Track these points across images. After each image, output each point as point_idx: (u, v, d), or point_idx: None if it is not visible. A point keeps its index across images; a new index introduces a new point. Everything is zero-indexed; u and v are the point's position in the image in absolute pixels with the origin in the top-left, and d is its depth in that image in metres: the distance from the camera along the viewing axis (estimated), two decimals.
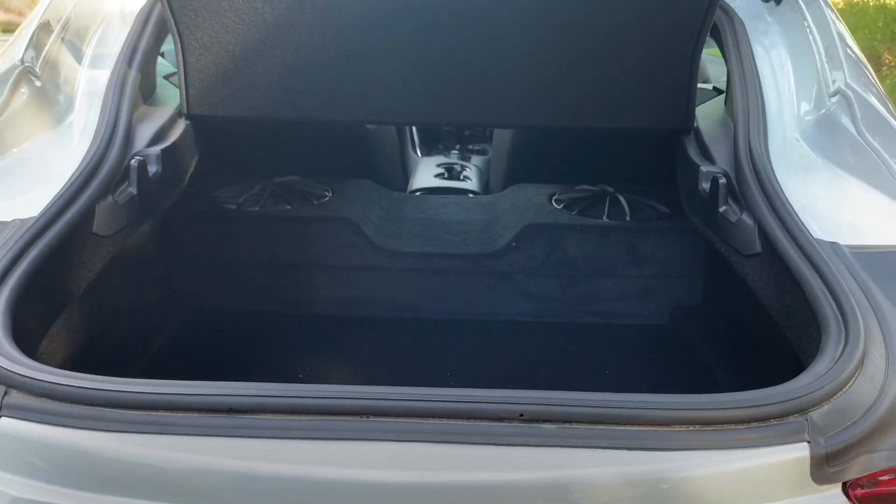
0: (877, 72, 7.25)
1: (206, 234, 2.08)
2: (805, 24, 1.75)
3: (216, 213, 2.10)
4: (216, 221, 2.09)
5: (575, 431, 0.84)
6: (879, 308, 1.07)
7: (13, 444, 0.86)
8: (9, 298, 1.05)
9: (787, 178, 1.37)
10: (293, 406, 0.85)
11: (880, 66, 7.32)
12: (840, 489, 0.88)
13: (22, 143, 1.40)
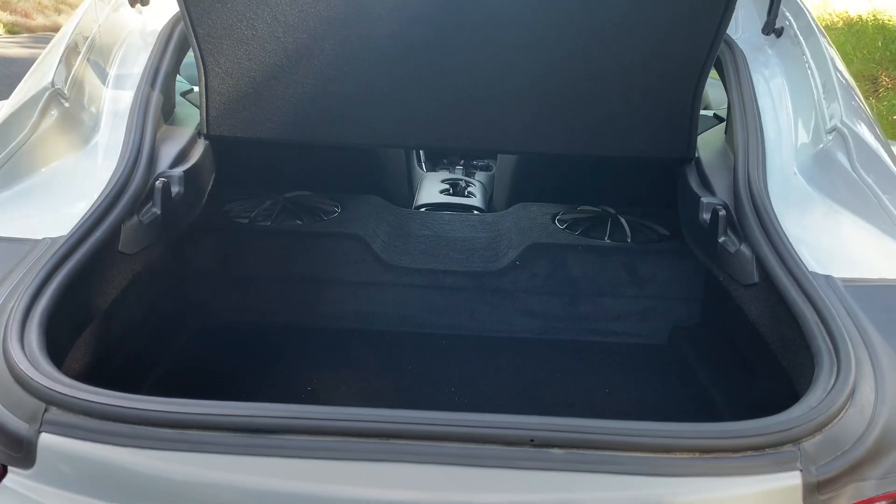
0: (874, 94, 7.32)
1: (218, 247, 2.13)
2: (804, 59, 1.81)
3: (228, 227, 2.15)
4: (229, 235, 2.14)
5: (582, 456, 0.89)
6: (870, 341, 1.12)
7: (53, 459, 0.91)
8: (42, 316, 1.10)
9: (784, 211, 1.43)
10: (318, 427, 0.90)
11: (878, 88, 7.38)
12: None
13: (50, 162, 1.45)
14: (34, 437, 0.92)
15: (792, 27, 1.92)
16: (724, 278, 1.50)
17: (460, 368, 2.00)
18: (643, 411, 1.86)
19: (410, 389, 1.89)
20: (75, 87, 1.57)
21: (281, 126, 1.69)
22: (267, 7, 1.53)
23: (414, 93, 1.66)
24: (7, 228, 1.31)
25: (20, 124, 1.43)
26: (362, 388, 1.90)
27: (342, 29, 1.55)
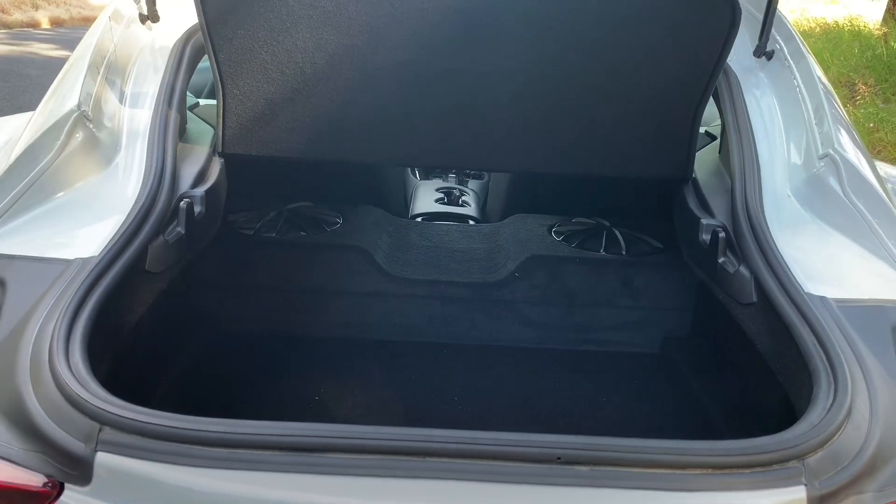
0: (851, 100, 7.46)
1: (224, 258, 2.17)
2: (795, 84, 1.88)
3: (234, 238, 2.20)
4: (234, 246, 2.19)
5: (605, 473, 0.96)
6: (862, 359, 1.20)
7: (110, 477, 0.96)
8: (82, 337, 1.15)
9: (780, 233, 1.50)
10: (359, 446, 0.96)
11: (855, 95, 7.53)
12: None
13: (76, 182, 1.48)
14: (91, 456, 0.97)
15: (783, 51, 1.99)
16: (723, 297, 1.57)
17: (462, 377, 2.06)
18: (639, 420, 1.93)
19: (415, 399, 1.95)
20: (97, 108, 1.60)
21: (294, 145, 1.75)
22: (288, 35, 1.59)
23: (423, 116, 1.72)
24: (37, 247, 1.34)
25: (48, 146, 1.46)
26: (368, 398, 1.95)
27: (358, 56, 1.61)
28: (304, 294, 2.22)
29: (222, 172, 1.72)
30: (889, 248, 1.43)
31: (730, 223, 1.58)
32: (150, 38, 2.02)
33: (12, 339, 1.16)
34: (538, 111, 1.74)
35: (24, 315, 1.20)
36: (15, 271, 1.29)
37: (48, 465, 0.98)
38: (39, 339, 1.13)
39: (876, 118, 6.42)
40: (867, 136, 6.35)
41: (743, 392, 1.83)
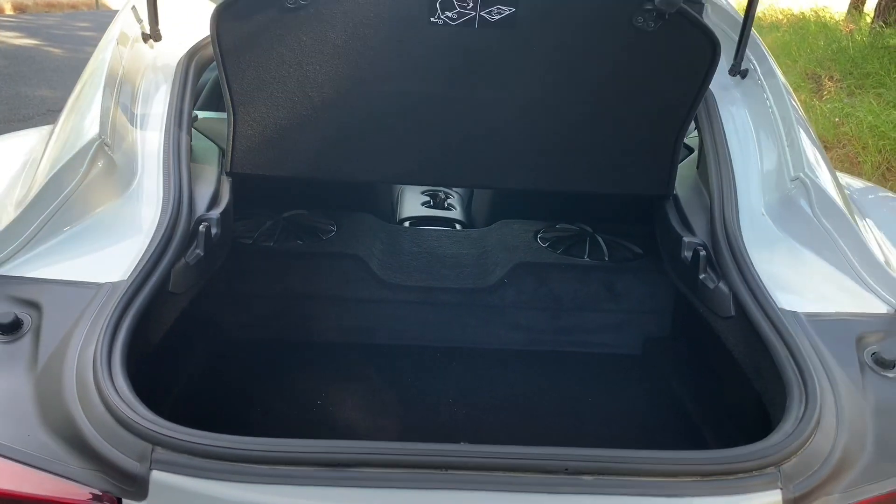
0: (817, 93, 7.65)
1: (226, 267, 2.27)
2: (767, 102, 2.01)
3: (235, 248, 2.29)
4: (234, 255, 2.28)
5: (608, 481, 1.08)
6: (830, 370, 1.33)
7: (164, 492, 1.06)
8: (121, 359, 1.24)
9: (755, 250, 1.63)
10: (388, 461, 1.07)
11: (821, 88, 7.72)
12: None
13: (98, 208, 1.56)
14: (146, 473, 1.06)
15: (756, 70, 2.12)
16: (703, 310, 1.70)
17: (455, 380, 2.18)
18: (622, 418, 2.06)
19: (412, 402, 2.06)
20: (114, 134, 1.68)
21: (300, 165, 1.84)
22: (299, 67, 1.68)
23: (424, 139, 1.83)
24: (67, 271, 1.43)
25: (72, 173, 1.53)
26: (367, 402, 2.06)
27: (363, 86, 1.71)
28: (304, 301, 2.31)
29: (231, 193, 1.81)
30: (854, 264, 1.56)
31: (709, 241, 1.70)
32: (153, 57, 2.08)
33: (54, 361, 1.24)
34: (531, 135, 1.85)
35: (62, 338, 1.28)
36: (49, 295, 1.37)
37: (106, 481, 1.07)
38: (82, 362, 1.21)
39: (841, 113, 6.62)
40: (832, 130, 6.55)
41: (720, 392, 1.97)
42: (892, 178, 5.98)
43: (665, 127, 1.82)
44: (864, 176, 5.99)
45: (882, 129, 6.25)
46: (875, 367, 1.37)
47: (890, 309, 1.50)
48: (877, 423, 1.26)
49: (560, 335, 2.34)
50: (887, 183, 5.89)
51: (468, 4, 1.54)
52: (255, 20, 1.60)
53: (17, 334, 1.30)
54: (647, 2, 1.58)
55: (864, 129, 6.35)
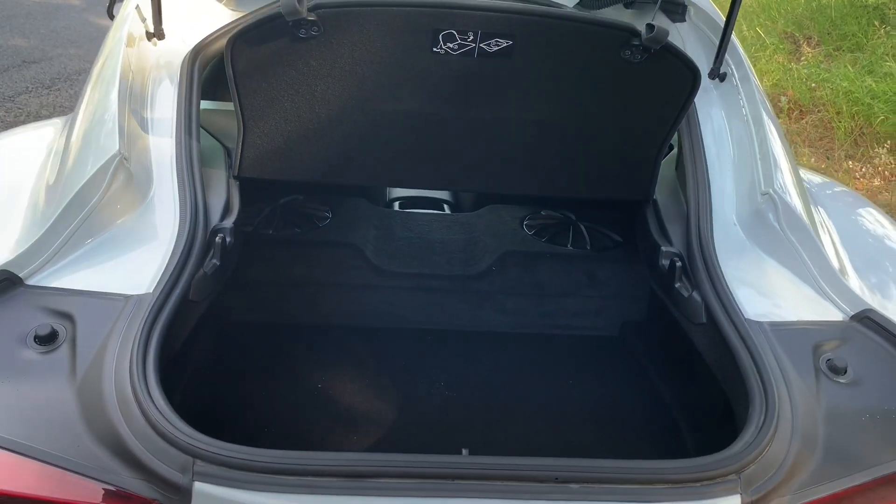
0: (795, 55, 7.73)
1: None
2: (742, 107, 2.14)
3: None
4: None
5: (592, 489, 1.23)
6: (788, 379, 1.48)
7: (205, 501, 1.19)
8: (154, 371, 1.36)
9: (726, 259, 1.77)
10: (403, 472, 1.21)
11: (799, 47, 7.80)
12: None
13: (118, 219, 1.65)
14: (189, 484, 1.19)
15: (734, 75, 2.25)
16: (678, 315, 1.85)
17: (446, 362, 2.33)
18: (600, 398, 2.23)
19: (406, 385, 2.20)
20: (131, 145, 1.76)
21: (305, 171, 1.95)
22: (307, 87, 1.77)
23: (424, 149, 1.95)
24: (94, 283, 1.52)
25: (95, 188, 1.62)
26: (365, 385, 2.20)
27: (368, 104, 1.82)
28: (301, 287, 2.44)
29: (240, 198, 1.92)
30: (814, 275, 1.72)
31: (684, 250, 1.85)
32: (157, 56, 2.15)
33: (93, 373, 1.34)
34: (524, 148, 1.98)
35: (97, 350, 1.38)
36: (81, 306, 1.46)
37: (154, 490, 1.21)
38: (120, 375, 1.32)
39: (818, 78, 6.74)
40: (809, 94, 6.68)
41: (688, 375, 2.14)
42: (863, 143, 6.14)
43: (648, 143, 1.95)
44: (837, 142, 6.17)
45: (856, 94, 6.39)
46: (828, 373, 1.51)
47: (845, 317, 1.66)
48: (827, 427, 1.41)
49: (544, 319, 2.50)
50: (859, 149, 6.07)
51: (469, 37, 1.64)
52: (267, 47, 1.69)
53: (53, 345, 1.39)
54: (634, 38, 1.69)
55: (839, 94, 6.49)
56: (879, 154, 5.76)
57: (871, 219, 2.23)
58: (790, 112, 6.61)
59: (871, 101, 6.23)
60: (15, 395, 1.32)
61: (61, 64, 6.72)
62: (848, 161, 5.80)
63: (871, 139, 6.08)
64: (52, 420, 1.29)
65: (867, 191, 5.47)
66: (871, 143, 6.03)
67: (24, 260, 1.53)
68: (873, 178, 5.61)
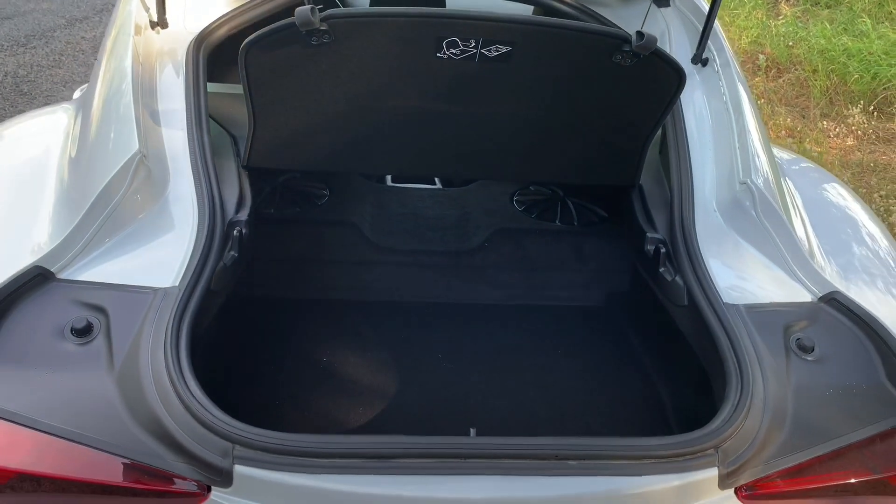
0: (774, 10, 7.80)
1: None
2: (723, 93, 2.26)
3: None
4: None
5: (588, 465, 1.38)
6: (762, 359, 1.61)
7: (245, 481, 1.33)
8: (188, 363, 1.47)
9: (706, 244, 1.90)
10: (420, 453, 1.35)
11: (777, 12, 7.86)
12: (733, 492, 1.46)
13: (139, 214, 1.73)
14: (230, 467, 1.32)
15: (715, 61, 2.36)
16: (662, 298, 2.00)
17: (443, 334, 2.46)
18: (588, 369, 2.38)
19: (405, 358, 2.32)
20: (147, 142, 1.83)
21: (311, 161, 2.06)
22: (316, 87, 1.87)
23: (426, 140, 2.06)
24: (122, 276, 1.59)
25: (118, 186, 1.70)
26: (368, 358, 2.32)
27: (374, 101, 1.92)
28: (302, 263, 2.56)
29: (251, 189, 2.02)
30: (787, 259, 1.85)
31: (668, 236, 1.98)
32: (162, 46, 2.21)
33: (130, 364, 1.43)
34: (519, 139, 2.09)
35: (132, 342, 1.47)
36: (113, 300, 1.54)
37: (198, 473, 1.33)
38: (156, 366, 1.42)
39: (795, 36, 6.83)
40: (786, 52, 6.78)
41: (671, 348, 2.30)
42: (838, 102, 6.28)
43: (635, 136, 2.08)
44: (813, 100, 6.30)
45: (832, 52, 6.51)
46: (798, 351, 1.64)
47: (813, 298, 1.81)
48: (795, 402, 1.55)
49: (533, 292, 2.64)
50: (834, 108, 6.21)
51: (471, 44, 1.74)
52: (279, 52, 1.77)
53: (89, 337, 1.48)
54: (625, 45, 1.80)
55: (815, 53, 6.61)
56: (853, 114, 5.90)
57: (835, 192, 2.38)
58: (768, 70, 6.72)
59: (846, 59, 6.35)
60: (60, 385, 1.41)
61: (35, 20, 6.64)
62: (823, 121, 5.94)
63: (845, 98, 6.22)
64: (97, 409, 1.38)
65: (841, 150, 5.63)
66: (845, 103, 6.17)
67: (54, 255, 1.61)
68: (847, 137, 5.76)
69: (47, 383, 1.42)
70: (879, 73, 6.10)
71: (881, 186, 4.98)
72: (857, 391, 1.60)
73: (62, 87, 5.82)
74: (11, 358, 1.45)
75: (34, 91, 5.70)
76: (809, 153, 5.36)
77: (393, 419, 2.08)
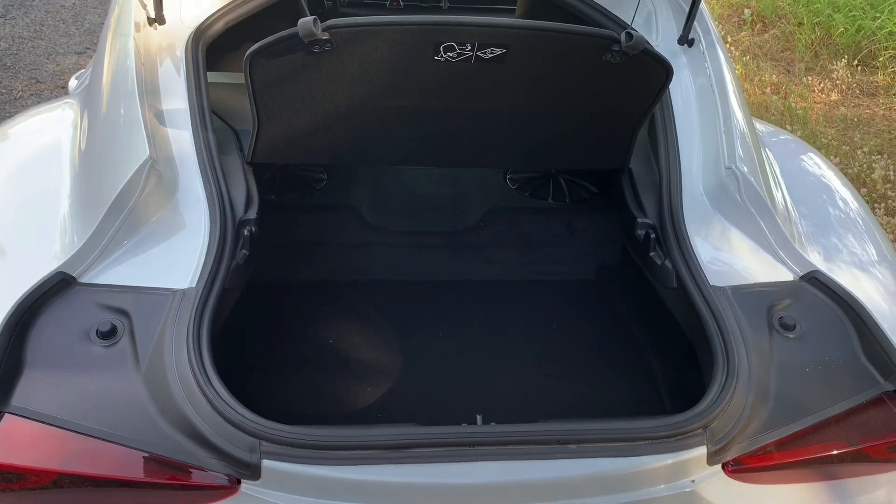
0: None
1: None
2: (709, 77, 2.33)
3: None
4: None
5: (587, 448, 1.48)
6: (747, 339, 1.69)
7: (272, 474, 1.43)
8: (210, 362, 1.56)
9: (694, 228, 1.99)
10: (434, 442, 1.44)
11: None
12: (720, 467, 1.57)
13: (153, 217, 1.79)
14: (258, 461, 1.42)
15: (701, 42, 2.42)
16: (653, 280, 2.10)
17: (442, 311, 2.55)
18: (581, 340, 2.49)
19: (408, 336, 2.42)
20: (155, 143, 1.89)
21: (313, 155, 2.13)
22: (319, 91, 1.93)
23: (425, 135, 2.14)
24: (140, 278, 1.66)
25: (131, 192, 1.75)
26: (372, 338, 2.42)
27: (374, 101, 1.98)
28: (304, 247, 2.63)
29: (257, 185, 2.09)
30: (770, 241, 1.94)
31: (657, 221, 2.07)
32: (159, 41, 2.25)
33: (156, 365, 1.51)
34: (515, 133, 2.17)
35: (155, 342, 1.54)
36: (134, 302, 1.61)
37: (228, 467, 1.44)
38: (181, 367, 1.50)
39: None
40: (771, 4, 6.80)
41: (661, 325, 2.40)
42: (823, 55, 6.33)
43: (625, 125, 2.15)
44: (798, 54, 6.34)
45: (818, 5, 6.53)
46: (780, 329, 1.74)
47: (795, 277, 1.90)
48: (778, 379, 1.65)
49: (528, 267, 2.73)
50: (818, 62, 6.26)
51: (466, 47, 1.80)
52: (283, 60, 1.83)
53: (114, 339, 1.55)
54: (614, 45, 1.86)
55: (801, 5, 6.63)
56: (837, 68, 5.95)
57: (811, 162, 2.48)
58: (753, 24, 6.74)
59: (831, 12, 6.38)
60: (91, 387, 1.50)
61: None
62: (808, 76, 6.00)
63: (830, 52, 6.27)
64: (128, 409, 1.47)
65: (825, 105, 5.70)
66: (830, 56, 6.21)
67: (75, 261, 1.68)
68: (831, 92, 5.82)
69: (79, 385, 1.50)
70: (864, 27, 6.14)
71: (864, 142, 5.07)
72: (835, 366, 1.70)
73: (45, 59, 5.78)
74: (43, 362, 1.53)
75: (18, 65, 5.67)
76: (794, 110, 5.43)
77: (400, 399, 2.19)
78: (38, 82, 5.42)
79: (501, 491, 1.47)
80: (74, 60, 5.77)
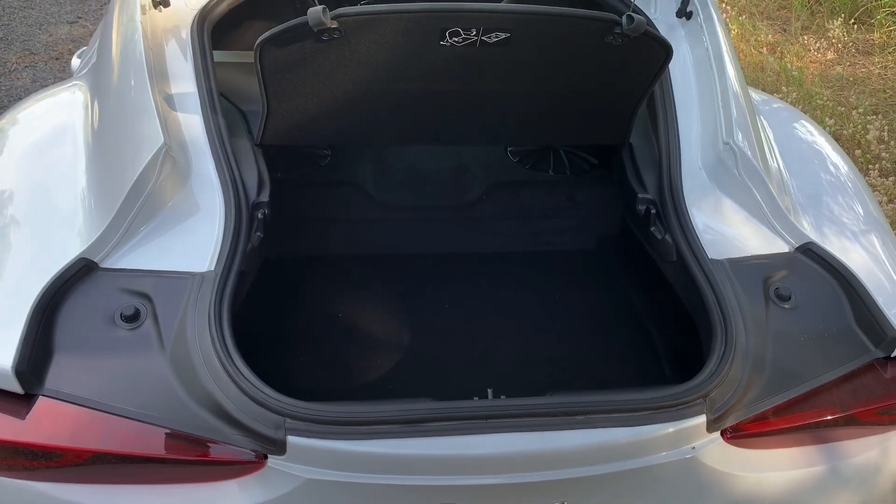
0: None
1: None
2: (707, 50, 2.36)
3: None
4: None
5: (593, 418, 1.55)
6: (744, 311, 1.75)
7: (297, 449, 1.50)
8: (232, 343, 1.63)
9: (692, 201, 2.04)
10: (449, 416, 1.52)
11: None
12: (719, 434, 1.65)
13: (168, 202, 1.84)
14: (283, 438, 1.49)
15: (699, 14, 2.45)
16: (653, 254, 2.16)
17: (447, 284, 2.63)
18: (582, 309, 2.56)
19: (414, 310, 2.49)
20: (168, 129, 1.94)
21: (321, 136, 2.18)
22: (328, 76, 1.97)
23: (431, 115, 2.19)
24: (159, 262, 1.72)
25: (147, 178, 1.80)
26: (380, 311, 2.49)
27: (382, 85, 2.02)
28: (312, 222, 2.70)
29: (266, 166, 2.13)
30: (766, 214, 2.00)
31: (657, 196, 2.13)
32: (164, 24, 2.28)
33: (180, 347, 1.57)
34: (517, 110, 2.22)
35: (178, 325, 1.60)
36: (155, 286, 1.67)
37: (255, 444, 1.51)
38: (205, 349, 1.56)
39: None
40: None
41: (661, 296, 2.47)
42: (820, 15, 6.32)
43: (625, 102, 2.20)
44: (794, 13, 6.33)
45: None
46: (776, 300, 1.80)
47: (790, 249, 1.96)
48: (774, 348, 1.72)
49: (529, 238, 2.80)
50: (815, 20, 6.25)
51: (472, 32, 1.84)
52: (292, 48, 1.87)
53: (138, 322, 1.61)
54: (616, 27, 1.90)
55: None
56: (834, 27, 5.95)
57: (804, 130, 2.54)
58: None
59: None
60: (119, 369, 1.56)
61: None
62: (804, 35, 6.00)
63: (826, 10, 6.26)
64: (155, 390, 1.54)
65: (821, 64, 5.72)
66: (826, 15, 6.21)
67: (96, 246, 1.73)
68: (827, 51, 5.83)
69: (107, 368, 1.57)
70: None
71: (860, 103, 5.10)
72: (828, 335, 1.78)
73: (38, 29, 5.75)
74: (71, 346, 1.59)
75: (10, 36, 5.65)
76: (790, 71, 5.45)
77: (409, 371, 2.26)
78: (31, 54, 5.40)
79: (513, 461, 1.55)
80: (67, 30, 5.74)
